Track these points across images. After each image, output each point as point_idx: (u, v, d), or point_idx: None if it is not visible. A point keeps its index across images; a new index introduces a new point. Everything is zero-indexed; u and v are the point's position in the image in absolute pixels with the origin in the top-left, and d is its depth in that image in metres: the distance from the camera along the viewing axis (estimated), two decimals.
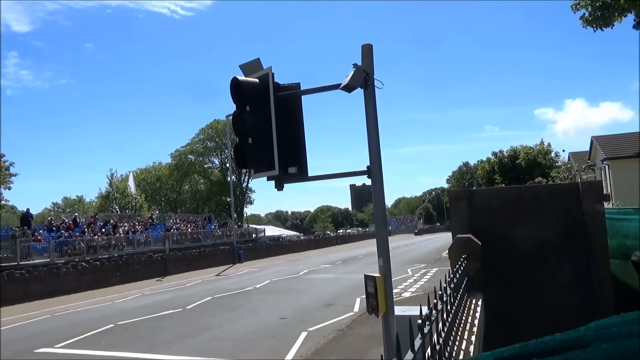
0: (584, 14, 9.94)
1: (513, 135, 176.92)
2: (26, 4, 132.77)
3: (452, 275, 5.28)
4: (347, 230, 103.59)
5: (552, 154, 47.88)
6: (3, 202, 32.49)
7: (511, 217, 7.41)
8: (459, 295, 5.60)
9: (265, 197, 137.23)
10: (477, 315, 6.28)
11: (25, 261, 24.34)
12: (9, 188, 31.11)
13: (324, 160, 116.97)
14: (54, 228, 29.13)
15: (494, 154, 52.80)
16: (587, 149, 32.94)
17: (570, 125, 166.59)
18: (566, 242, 6.85)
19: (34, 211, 30.24)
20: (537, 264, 6.88)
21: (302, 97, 4.75)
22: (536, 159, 46.38)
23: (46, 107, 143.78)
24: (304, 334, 11.15)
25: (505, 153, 50.97)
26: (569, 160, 39.18)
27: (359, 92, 4.59)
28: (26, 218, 28.23)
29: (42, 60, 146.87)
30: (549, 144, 48.93)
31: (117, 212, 43.16)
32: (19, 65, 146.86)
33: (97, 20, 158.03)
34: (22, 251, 24.68)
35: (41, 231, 28.22)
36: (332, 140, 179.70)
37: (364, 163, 4.63)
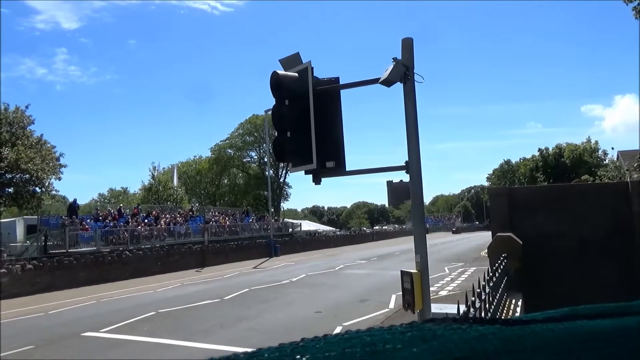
0: (637, 4, 9.48)
1: (557, 132, 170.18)
2: (74, 1, 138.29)
3: (491, 274, 5.19)
4: (383, 227, 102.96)
5: (600, 152, 45.98)
6: (53, 192, 33.95)
7: (554, 216, 7.17)
8: (498, 295, 5.50)
9: (301, 192, 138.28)
10: (517, 315, 6.14)
11: (73, 249, 25.48)
12: (59, 179, 32.40)
13: (360, 155, 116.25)
14: (100, 218, 30.34)
15: (539, 150, 51.19)
16: (638, 147, 31.44)
17: (619, 122, 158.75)
18: (611, 242, 6.59)
19: (81, 202, 31.55)
20: (580, 263, 6.65)
21: (341, 91, 4.76)
22: (582, 157, 44.68)
23: (93, 102, 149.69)
24: (338, 329, 11.17)
25: (549, 150, 49.32)
26: (617, 158, 37.51)
27: (397, 86, 4.55)
28: (72, 208, 29.47)
29: (88, 56, 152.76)
30: (597, 142, 47.03)
31: (159, 204, 44.45)
32: (68, 61, 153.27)
33: (140, 17, 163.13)
34: (70, 239, 25.85)
35: (88, 220, 29.44)
36: (368, 135, 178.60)
37: (400, 159, 4.59)
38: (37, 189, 30.71)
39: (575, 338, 0.60)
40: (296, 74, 4.56)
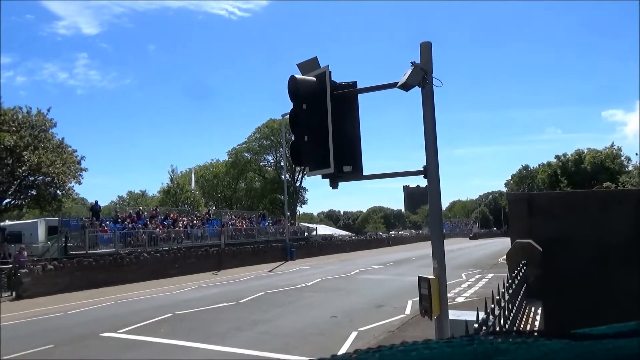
0: None
1: (577, 138, 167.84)
2: (94, 7, 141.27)
3: (510, 281, 5.11)
4: (399, 232, 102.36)
5: (623, 158, 45.03)
6: (74, 195, 34.60)
7: (574, 223, 7.04)
8: (517, 302, 5.41)
9: (318, 196, 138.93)
10: (537, 324, 6.03)
11: (92, 250, 25.87)
12: (80, 183, 33.03)
13: (376, 161, 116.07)
14: (119, 220, 30.76)
15: (557, 157, 50.43)
16: None
17: None
18: (634, 250, 6.42)
19: (100, 204, 32.01)
20: (603, 272, 6.50)
21: (358, 95, 4.75)
22: (603, 163, 43.82)
23: (113, 106, 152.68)
24: (354, 334, 11.13)
25: (569, 156, 48.53)
26: None
27: (415, 91, 4.52)
28: (95, 210, 29.92)
29: (108, 61, 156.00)
30: (619, 148, 46.06)
31: (176, 206, 44.90)
32: (88, 65, 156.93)
33: (159, 22, 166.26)
34: (90, 241, 26.26)
35: (107, 222, 29.86)
36: (383, 139, 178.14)
37: (416, 164, 4.56)
38: (58, 191, 31.34)
39: None
40: (314, 78, 4.57)
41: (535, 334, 0.57)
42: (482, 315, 3.18)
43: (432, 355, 0.49)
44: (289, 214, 47.41)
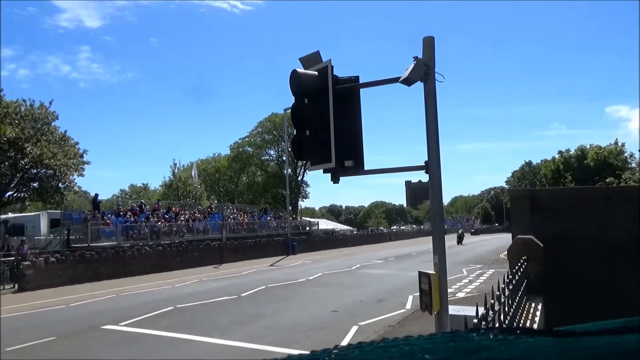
0: None
1: (581, 134, 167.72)
2: (97, 1, 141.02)
3: (510, 277, 5.11)
4: (401, 227, 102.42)
5: (626, 154, 44.88)
6: (75, 188, 34.68)
7: (577, 220, 7.03)
8: (517, 298, 5.41)
9: (319, 191, 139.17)
10: (537, 320, 6.04)
11: (95, 243, 25.93)
12: (82, 175, 33.09)
13: (378, 156, 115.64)
14: (121, 213, 30.80)
15: (560, 152, 50.31)
16: None
17: None
18: (636, 246, 6.41)
19: (102, 197, 32.10)
20: (604, 269, 6.49)
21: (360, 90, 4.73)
22: (607, 160, 43.68)
23: (115, 100, 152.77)
24: (354, 328, 11.16)
25: (572, 152, 48.41)
26: None
27: (417, 86, 4.50)
28: (96, 203, 29.94)
29: (111, 54, 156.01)
30: (623, 144, 45.84)
31: (178, 200, 44.92)
32: (91, 59, 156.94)
33: (162, 15, 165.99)
34: (92, 234, 26.32)
35: (110, 215, 29.91)
36: (385, 134, 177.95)
37: (418, 159, 4.55)
38: (60, 184, 31.40)
39: (632, 355, 0.54)
40: (316, 73, 4.55)
41: (519, 331, 0.57)
42: (481, 310, 3.18)
43: (413, 350, 0.49)
44: (290, 208, 47.46)
